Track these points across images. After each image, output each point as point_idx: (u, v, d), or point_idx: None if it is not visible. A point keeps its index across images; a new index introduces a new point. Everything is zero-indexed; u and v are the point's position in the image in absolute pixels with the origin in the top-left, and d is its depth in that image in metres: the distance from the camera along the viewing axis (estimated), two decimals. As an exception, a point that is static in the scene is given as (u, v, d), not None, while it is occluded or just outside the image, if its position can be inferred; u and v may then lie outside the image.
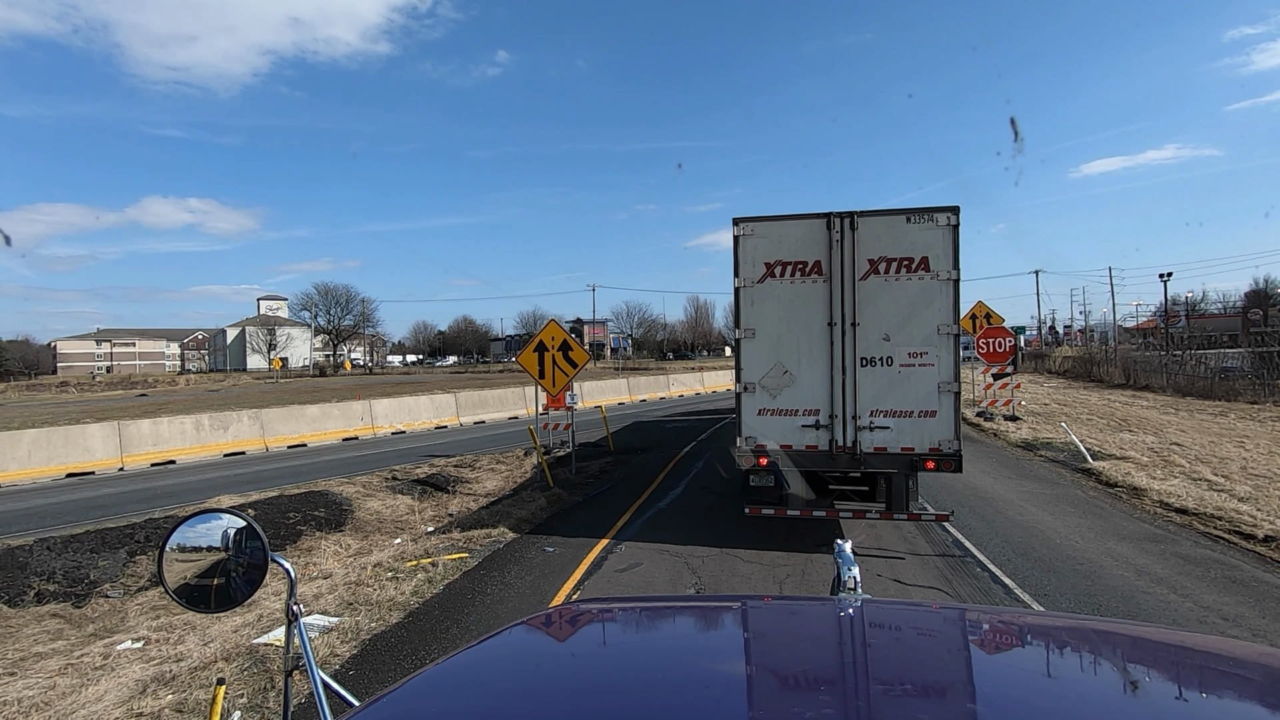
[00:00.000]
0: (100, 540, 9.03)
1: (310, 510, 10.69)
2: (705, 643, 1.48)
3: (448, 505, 11.54)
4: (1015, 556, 7.27)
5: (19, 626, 6.78)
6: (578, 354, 11.83)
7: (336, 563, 8.39)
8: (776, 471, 7.54)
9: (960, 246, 7.12)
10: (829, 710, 1.02)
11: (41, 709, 4.55)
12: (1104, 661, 1.27)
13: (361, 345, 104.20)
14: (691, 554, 7.59)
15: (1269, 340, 32.75)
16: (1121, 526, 8.45)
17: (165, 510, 11.39)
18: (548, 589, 6.70)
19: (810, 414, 7.48)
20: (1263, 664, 1.24)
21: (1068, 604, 5.95)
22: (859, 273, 7.34)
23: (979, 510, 9.32)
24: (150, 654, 5.49)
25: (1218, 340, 54.93)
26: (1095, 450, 13.14)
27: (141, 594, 7.71)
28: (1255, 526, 7.95)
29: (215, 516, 1.59)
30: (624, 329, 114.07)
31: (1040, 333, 73.92)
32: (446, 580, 7.00)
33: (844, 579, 1.75)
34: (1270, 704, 1.08)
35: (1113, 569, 6.84)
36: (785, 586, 6.54)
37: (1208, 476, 10.78)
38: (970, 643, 1.43)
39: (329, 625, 5.81)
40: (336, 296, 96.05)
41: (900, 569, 6.97)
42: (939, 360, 7.18)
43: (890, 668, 1.24)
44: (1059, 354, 55.20)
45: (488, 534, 8.69)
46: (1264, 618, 5.58)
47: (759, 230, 7.59)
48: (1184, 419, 19.47)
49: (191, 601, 1.55)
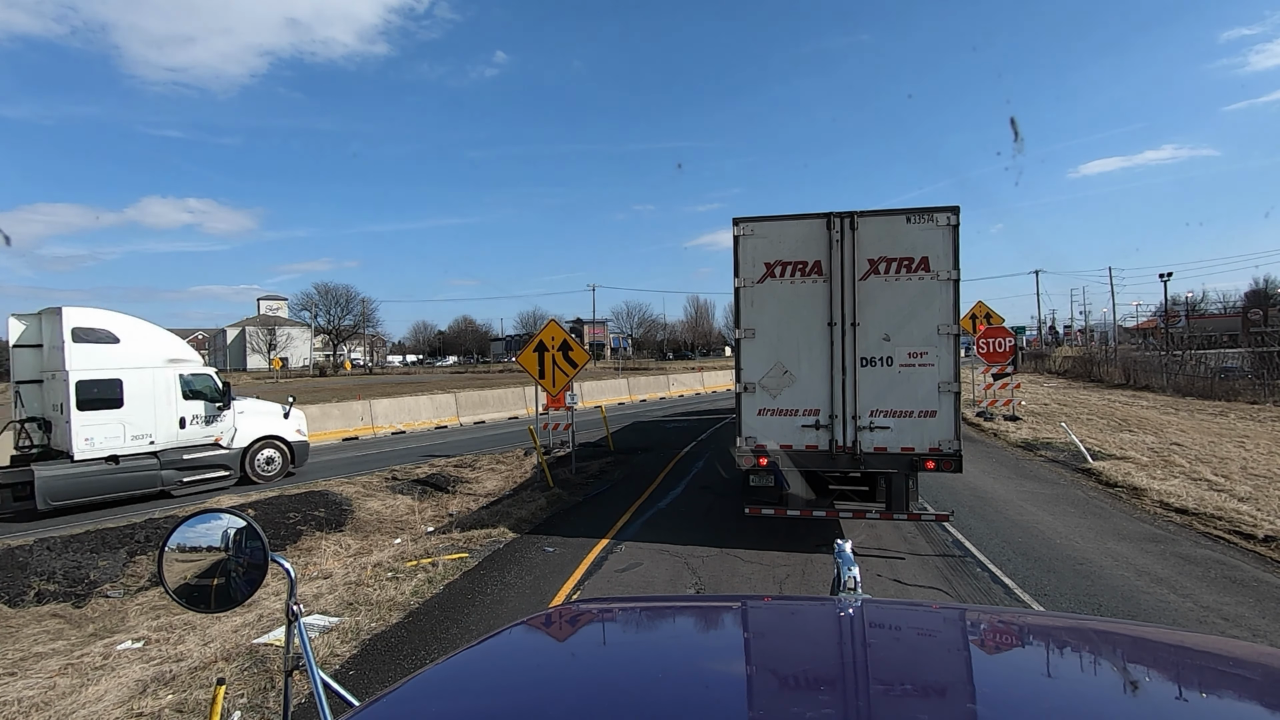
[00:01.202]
0: (100, 540, 9.03)
1: (310, 510, 10.69)
2: (705, 643, 1.48)
3: (448, 505, 11.54)
4: (1015, 556, 7.27)
5: (19, 626, 6.78)
6: (578, 354, 11.83)
7: (336, 563, 8.39)
8: (776, 471, 7.54)
9: (960, 246, 7.13)
10: (829, 710, 1.02)
11: (42, 709, 4.55)
12: (1104, 661, 1.26)
13: (361, 345, 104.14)
14: (691, 554, 7.58)
15: (1269, 340, 32.72)
16: (1121, 526, 8.45)
17: (165, 510, 11.39)
18: (548, 589, 6.70)
19: (810, 414, 7.48)
20: (1263, 664, 1.24)
21: (1068, 604, 5.95)
22: (859, 273, 7.35)
23: (979, 510, 9.32)
24: (150, 654, 5.49)
25: (1218, 340, 54.92)
26: (1095, 450, 13.14)
27: (141, 594, 7.72)
28: (1255, 526, 7.94)
29: (215, 516, 1.59)
30: (624, 329, 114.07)
31: (1040, 333, 73.95)
32: (446, 580, 7.00)
33: (844, 579, 1.75)
34: (1270, 704, 1.08)
35: (1113, 569, 6.84)
36: (785, 586, 6.54)
37: (1208, 476, 10.78)
38: (970, 643, 1.43)
39: (329, 625, 5.81)
40: (336, 296, 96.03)
41: (900, 569, 6.97)
42: (939, 360, 7.18)
43: (890, 668, 1.24)
44: (1059, 354, 55.21)
45: (488, 534, 8.69)
46: (1264, 618, 5.58)
47: (759, 230, 7.60)
48: (1184, 419, 19.47)
49: (191, 601, 1.55)
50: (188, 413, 12.98)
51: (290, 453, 14.69)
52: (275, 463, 14.41)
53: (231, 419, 13.74)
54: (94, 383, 11.80)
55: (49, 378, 12.35)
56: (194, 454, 13.08)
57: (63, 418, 11.77)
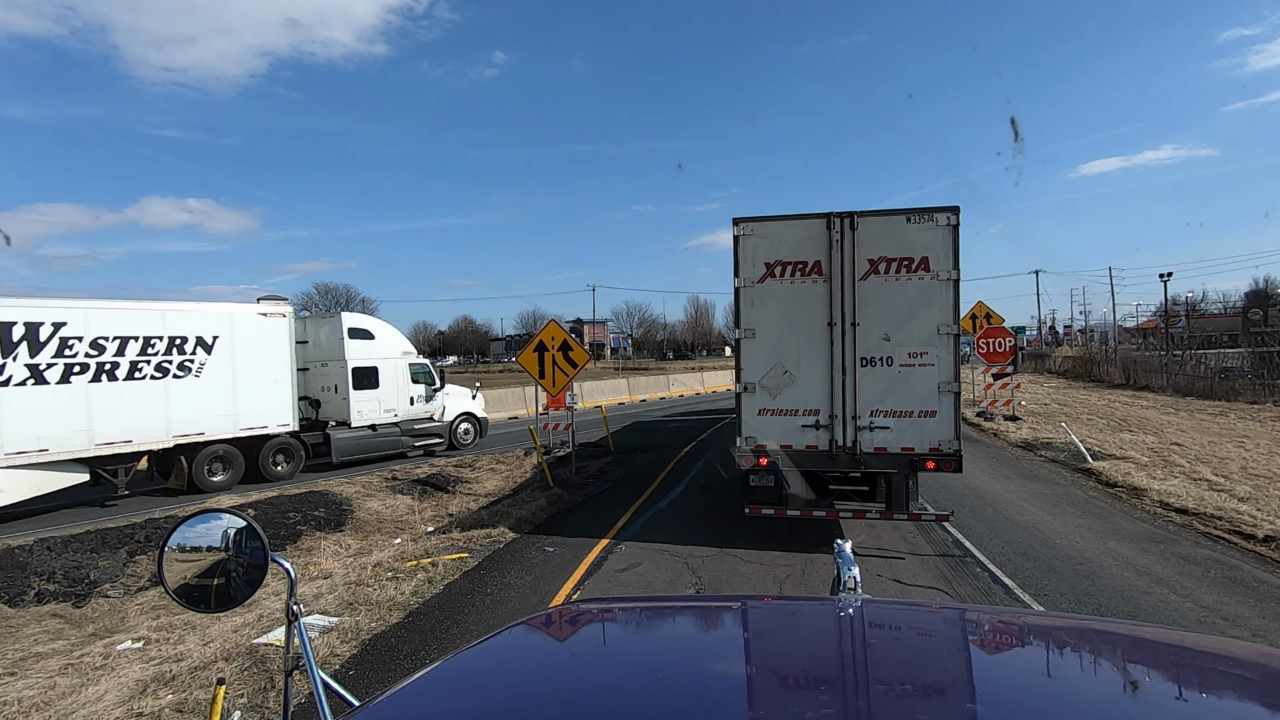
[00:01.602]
0: (100, 540, 9.03)
1: (310, 510, 10.70)
2: (705, 643, 1.48)
3: (448, 505, 11.54)
4: (1015, 556, 7.27)
5: (19, 626, 6.78)
6: (578, 354, 11.83)
7: (336, 563, 8.39)
8: (776, 471, 7.54)
9: (960, 246, 7.13)
10: (829, 710, 1.02)
11: (42, 709, 4.55)
12: (1104, 661, 1.27)
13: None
14: (691, 554, 7.59)
15: (1269, 340, 32.75)
16: (1121, 526, 8.45)
17: (166, 510, 11.39)
18: (548, 589, 6.70)
19: (810, 414, 7.48)
20: (1263, 664, 1.24)
21: (1068, 604, 5.95)
22: (859, 273, 7.35)
23: (979, 510, 9.32)
24: (150, 654, 5.49)
25: (1218, 340, 54.93)
26: (1095, 450, 13.14)
27: (141, 594, 7.71)
28: (1255, 526, 7.95)
29: (215, 516, 1.59)
30: (624, 329, 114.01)
31: (1040, 333, 73.98)
32: (446, 580, 7.00)
33: (844, 579, 1.74)
34: (1270, 704, 1.08)
35: (1113, 569, 6.84)
36: (785, 586, 6.54)
37: (1208, 476, 10.78)
38: (970, 643, 1.43)
39: (329, 625, 5.81)
40: (336, 296, 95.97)
41: (900, 569, 6.97)
42: (939, 360, 7.18)
43: (890, 668, 1.24)
44: (1059, 354, 55.24)
45: (488, 534, 8.69)
46: (1264, 618, 5.58)
47: (759, 230, 7.60)
48: (1184, 419, 19.48)
49: (191, 601, 1.55)
50: (415, 393, 16.77)
51: (480, 427, 18.61)
52: (470, 434, 18.31)
53: (441, 399, 17.46)
54: (362, 370, 15.69)
55: (317, 366, 16.09)
56: (420, 425, 16.91)
57: (339, 396, 15.59)
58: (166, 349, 12.68)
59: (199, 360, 13.12)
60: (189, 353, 12.99)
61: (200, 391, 13.07)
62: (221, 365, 13.38)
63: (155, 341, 12.55)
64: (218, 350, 13.32)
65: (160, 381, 12.58)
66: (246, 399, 13.71)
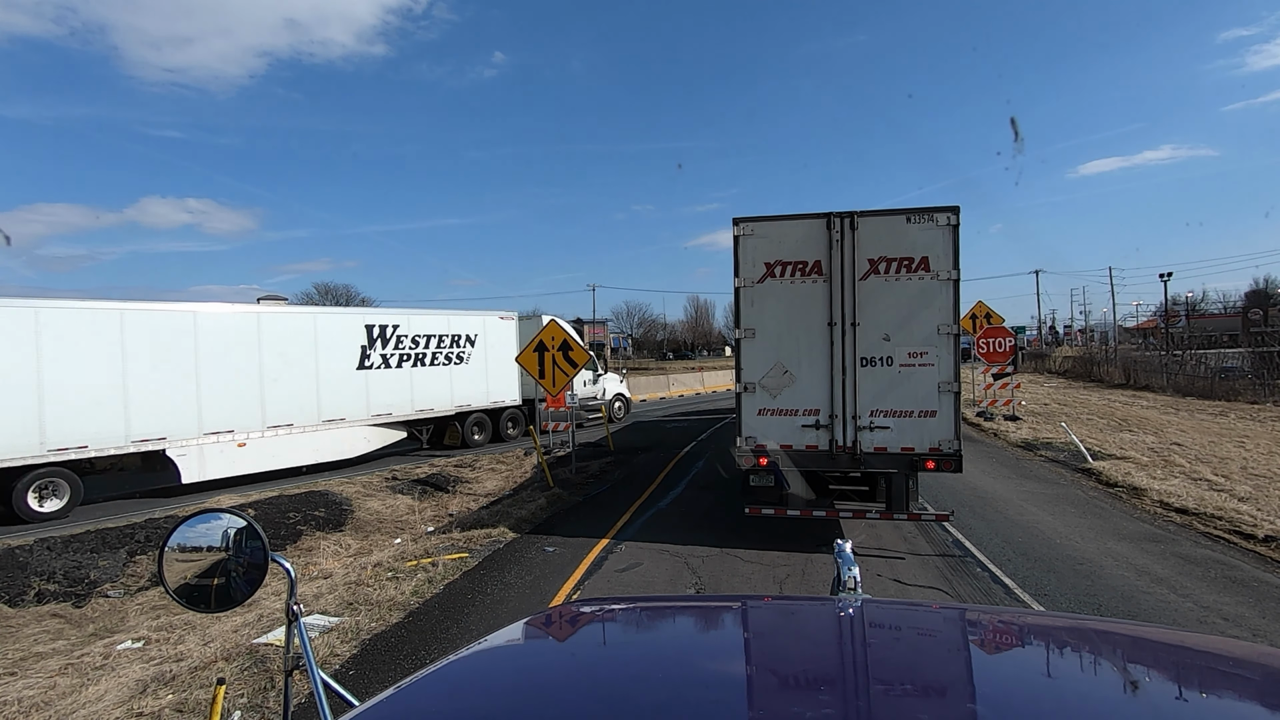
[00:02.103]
0: (100, 540, 9.03)
1: (310, 510, 10.70)
2: (705, 643, 1.48)
3: (448, 505, 11.54)
4: (1015, 556, 7.27)
5: (19, 626, 6.78)
6: (578, 354, 11.83)
7: (336, 563, 8.40)
8: (776, 471, 7.54)
9: (960, 246, 7.13)
10: (829, 710, 1.02)
11: (42, 708, 4.55)
12: (1104, 661, 1.27)
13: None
14: (691, 554, 7.59)
15: (1269, 340, 32.76)
16: (1121, 526, 8.45)
17: (166, 510, 11.39)
18: (548, 589, 6.70)
19: (810, 414, 7.48)
20: (1263, 664, 1.24)
21: (1068, 604, 5.95)
22: (859, 273, 7.35)
23: (979, 510, 9.32)
24: (150, 654, 5.49)
25: (1218, 340, 54.94)
26: (1095, 450, 13.14)
27: (141, 594, 7.72)
28: (1255, 526, 7.95)
29: (215, 516, 1.59)
30: (624, 329, 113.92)
31: (1040, 333, 73.96)
32: (446, 580, 7.00)
33: (844, 579, 1.75)
34: (1270, 704, 1.08)
35: (1113, 569, 6.84)
36: (785, 586, 6.54)
37: (1208, 476, 10.78)
38: (970, 643, 1.43)
39: (329, 625, 5.81)
40: (336, 296, 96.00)
41: (900, 569, 6.97)
42: (939, 360, 7.18)
43: (890, 668, 1.24)
44: (1059, 354, 55.22)
45: (488, 534, 8.69)
46: (1264, 618, 5.58)
47: (759, 230, 7.60)
48: (1184, 419, 19.48)
49: (191, 601, 1.55)
50: (586, 378, 20.70)
51: (627, 405, 23.80)
52: (621, 410, 23.32)
53: (603, 382, 22.00)
54: None
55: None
56: (590, 403, 20.73)
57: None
58: (451, 343, 17.45)
59: (468, 352, 17.88)
60: (463, 346, 17.76)
61: (469, 374, 17.83)
62: (479, 355, 18.11)
63: (445, 338, 17.31)
64: (478, 344, 18.05)
65: (447, 367, 17.34)
66: (494, 380, 18.38)
